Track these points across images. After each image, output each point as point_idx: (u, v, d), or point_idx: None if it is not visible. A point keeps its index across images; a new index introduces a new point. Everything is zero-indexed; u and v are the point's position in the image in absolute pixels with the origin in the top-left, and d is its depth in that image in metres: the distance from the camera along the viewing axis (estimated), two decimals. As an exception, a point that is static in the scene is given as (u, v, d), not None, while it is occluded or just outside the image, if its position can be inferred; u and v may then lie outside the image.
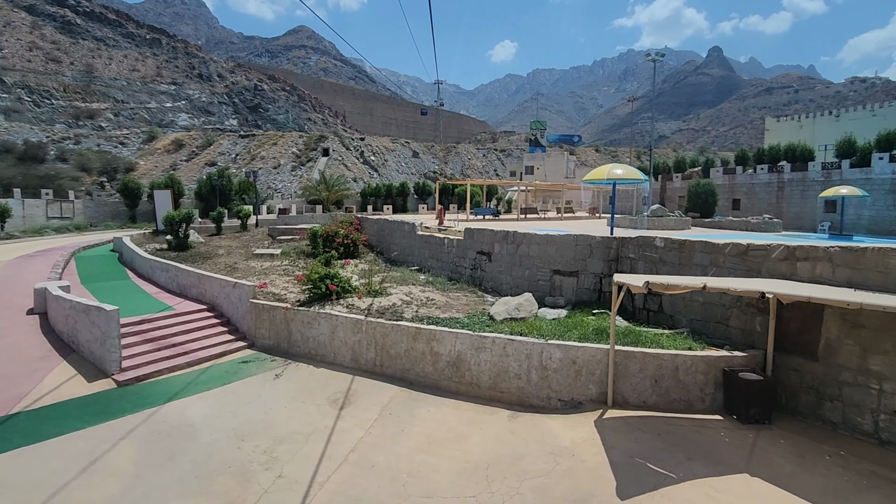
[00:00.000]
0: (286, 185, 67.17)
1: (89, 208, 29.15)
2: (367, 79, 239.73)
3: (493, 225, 19.57)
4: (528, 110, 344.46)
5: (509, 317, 9.57)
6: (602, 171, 15.18)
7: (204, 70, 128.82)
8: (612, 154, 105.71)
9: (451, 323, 9.44)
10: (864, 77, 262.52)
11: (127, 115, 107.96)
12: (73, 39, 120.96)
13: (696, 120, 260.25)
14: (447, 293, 12.34)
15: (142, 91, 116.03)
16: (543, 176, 51.08)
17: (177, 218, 16.47)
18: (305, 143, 77.51)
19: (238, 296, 11.72)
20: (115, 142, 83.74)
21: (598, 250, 10.64)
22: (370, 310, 10.48)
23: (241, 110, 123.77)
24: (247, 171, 43.12)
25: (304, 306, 10.83)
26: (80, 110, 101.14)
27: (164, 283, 14.05)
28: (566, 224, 26.91)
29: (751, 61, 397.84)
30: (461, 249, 13.76)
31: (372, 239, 19.30)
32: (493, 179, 63.63)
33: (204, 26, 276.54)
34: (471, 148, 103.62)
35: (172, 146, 79.01)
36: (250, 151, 76.32)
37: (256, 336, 11.40)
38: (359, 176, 73.03)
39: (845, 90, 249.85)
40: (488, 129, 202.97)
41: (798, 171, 29.88)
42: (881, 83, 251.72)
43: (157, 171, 75.22)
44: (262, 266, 15.48)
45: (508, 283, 12.18)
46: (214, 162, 75.32)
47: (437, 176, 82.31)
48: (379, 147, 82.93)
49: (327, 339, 10.32)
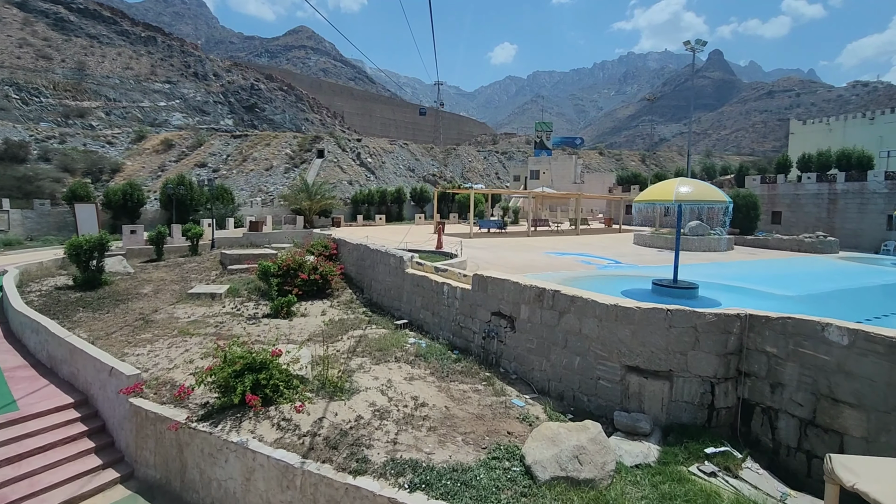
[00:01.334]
0: (278, 189, 62.67)
1: (30, 219, 24.24)
2: (367, 80, 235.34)
3: (509, 255, 15.16)
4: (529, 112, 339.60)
5: (563, 474, 5.04)
6: (664, 190, 10.44)
7: (200, 69, 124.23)
8: (616, 157, 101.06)
9: (454, 487, 4.94)
10: (867, 81, 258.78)
11: (119, 113, 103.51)
12: (66, 36, 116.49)
13: (697, 123, 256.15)
14: (447, 382, 7.78)
15: (135, 89, 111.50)
16: (550, 181, 46.51)
17: (84, 246, 11.83)
18: (300, 144, 72.95)
19: (115, 389, 7.20)
20: (103, 141, 79.22)
21: (707, 337, 5.97)
22: (316, 436, 5.97)
23: (237, 110, 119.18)
24: (208, 177, 38.17)
25: (207, 421, 6.31)
26: (70, 109, 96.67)
27: (33, 350, 9.47)
28: (586, 241, 22.30)
29: (751, 65, 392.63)
30: (469, 305, 9.14)
31: (350, 269, 14.67)
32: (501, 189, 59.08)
33: (204, 26, 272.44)
34: (471, 150, 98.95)
35: (162, 146, 74.47)
36: (242, 152, 71.75)
37: (138, 460, 6.89)
38: (355, 178, 68.47)
39: (847, 94, 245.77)
40: (489, 130, 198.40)
41: (854, 180, 25.30)
42: (883, 87, 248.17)
43: (145, 173, 70.71)
44: (195, 314, 10.99)
45: (545, 371, 7.55)
46: (205, 163, 70.84)
47: (436, 179, 77.72)
48: (376, 148, 78.37)
49: (239, 490, 5.83)
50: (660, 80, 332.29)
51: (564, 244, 20.61)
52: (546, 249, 18.16)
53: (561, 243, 20.88)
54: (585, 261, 15.00)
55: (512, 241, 22.42)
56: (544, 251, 17.37)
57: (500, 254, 16.21)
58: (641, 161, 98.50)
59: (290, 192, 32.57)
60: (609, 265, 14.54)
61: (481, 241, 22.01)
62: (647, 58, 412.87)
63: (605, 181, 43.80)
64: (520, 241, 22.23)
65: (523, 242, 21.73)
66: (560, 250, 17.96)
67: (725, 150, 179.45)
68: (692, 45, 28.38)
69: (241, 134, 79.69)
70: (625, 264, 14.74)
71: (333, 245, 15.50)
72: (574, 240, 23.66)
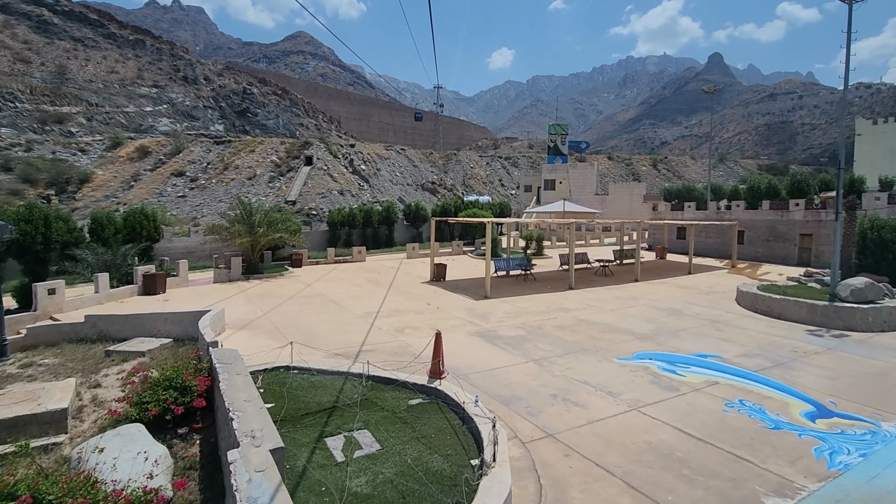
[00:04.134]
0: (260, 201, 55.51)
1: None
2: (366, 85, 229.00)
3: (576, 366, 7.81)
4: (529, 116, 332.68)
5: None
6: None
7: (189, 72, 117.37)
8: (626, 162, 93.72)
9: None
10: (869, 83, 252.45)
11: (101, 119, 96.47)
12: (48, 39, 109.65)
13: (698, 126, 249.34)
14: None
15: (119, 94, 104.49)
16: (567, 192, 39.01)
17: None
18: (287, 151, 65.78)
19: None
20: (75, 148, 71.96)
21: None
22: None
23: (228, 115, 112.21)
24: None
25: None
26: (47, 114, 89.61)
27: None
28: (666, 305, 15.01)
29: (749, 68, 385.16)
30: None
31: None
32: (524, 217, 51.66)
33: (202, 32, 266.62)
34: (473, 155, 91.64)
35: (137, 154, 67.33)
36: (223, 160, 64.55)
37: None
38: (346, 188, 61.26)
39: (851, 96, 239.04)
40: (489, 135, 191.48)
41: None
42: (886, 89, 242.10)
43: (116, 183, 63.58)
44: None
45: None
46: (183, 171, 63.71)
47: (435, 187, 70.49)
48: (371, 155, 71.16)
49: None
50: (659, 83, 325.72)
51: (638, 319, 13.01)
52: (620, 339, 10.87)
53: (631, 317, 13.26)
54: (750, 408, 7.40)
55: (548, 303, 15.07)
56: (631, 354, 9.97)
57: (556, 370, 8.96)
58: (653, 166, 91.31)
59: (222, 220, 23.68)
60: (811, 412, 7.29)
61: (503, 306, 14.65)
62: (645, 61, 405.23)
63: (634, 193, 36.37)
64: (560, 304, 14.84)
65: (566, 308, 14.31)
66: (647, 346, 10.43)
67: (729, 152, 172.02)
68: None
69: (225, 140, 72.52)
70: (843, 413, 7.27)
71: (202, 381, 6.58)
72: (643, 298, 16.14)
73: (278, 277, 20.22)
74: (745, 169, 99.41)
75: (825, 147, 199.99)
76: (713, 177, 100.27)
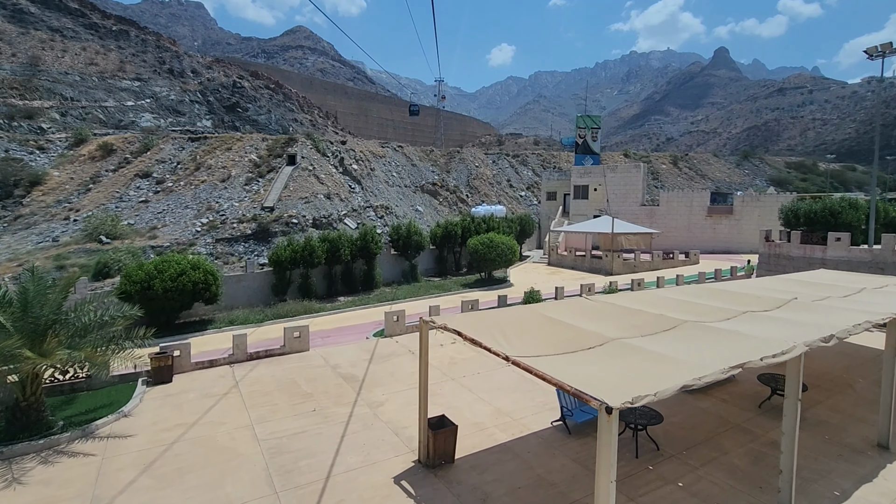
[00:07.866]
0: (233, 207, 46.44)
1: None
2: (367, 80, 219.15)
3: None
4: (531, 112, 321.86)
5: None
6: None
7: (176, 65, 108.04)
8: (644, 159, 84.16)
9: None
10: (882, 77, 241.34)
11: (77, 114, 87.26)
12: (23, 29, 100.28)
13: (705, 122, 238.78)
14: None
15: (98, 87, 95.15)
16: (605, 202, 29.51)
17: None
18: (269, 148, 56.56)
19: None
20: (33, 146, 62.71)
21: None
22: None
23: (216, 110, 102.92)
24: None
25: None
26: (15, 109, 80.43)
27: None
28: None
29: (754, 63, 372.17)
30: None
31: None
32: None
33: (201, 28, 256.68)
34: (478, 153, 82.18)
35: (99, 152, 58.15)
36: (196, 159, 55.36)
37: None
38: (334, 191, 52.08)
39: (862, 90, 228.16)
40: (493, 131, 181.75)
41: None
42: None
43: (73, 185, 54.46)
44: None
45: None
46: (149, 172, 54.58)
47: (436, 189, 61.28)
48: (364, 153, 61.81)
49: None
50: (663, 78, 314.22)
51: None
52: None
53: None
54: None
55: None
56: None
57: None
58: (673, 164, 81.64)
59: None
60: None
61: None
62: (649, 56, 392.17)
63: (695, 203, 27.12)
64: None
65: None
66: None
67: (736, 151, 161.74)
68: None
69: (200, 136, 63.28)
70: None
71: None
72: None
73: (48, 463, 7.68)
74: (772, 167, 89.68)
75: (839, 143, 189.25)
76: (738, 176, 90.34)
